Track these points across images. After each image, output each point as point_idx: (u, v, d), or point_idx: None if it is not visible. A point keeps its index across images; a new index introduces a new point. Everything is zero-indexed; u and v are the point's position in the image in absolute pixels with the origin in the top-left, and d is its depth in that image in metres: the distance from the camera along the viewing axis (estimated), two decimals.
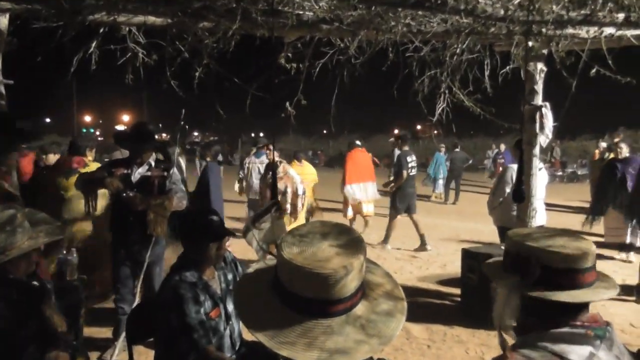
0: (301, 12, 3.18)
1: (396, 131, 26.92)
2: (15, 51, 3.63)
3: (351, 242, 1.10)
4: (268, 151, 7.72)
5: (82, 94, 39.40)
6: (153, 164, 3.87)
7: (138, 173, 3.79)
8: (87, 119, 47.16)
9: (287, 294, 1.05)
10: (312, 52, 4.17)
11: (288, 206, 6.32)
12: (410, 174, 7.74)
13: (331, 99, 4.53)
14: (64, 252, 3.81)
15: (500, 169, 11.48)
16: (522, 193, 3.18)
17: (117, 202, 3.74)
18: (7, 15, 3.34)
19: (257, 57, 4.03)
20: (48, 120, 44.15)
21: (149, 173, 3.82)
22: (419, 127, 37.09)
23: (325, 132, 39.90)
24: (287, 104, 4.06)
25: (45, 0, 2.88)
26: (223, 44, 3.51)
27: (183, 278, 2.32)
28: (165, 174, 3.83)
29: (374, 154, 10.43)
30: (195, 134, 48.43)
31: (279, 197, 6.15)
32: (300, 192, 6.41)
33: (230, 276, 2.57)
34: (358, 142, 9.34)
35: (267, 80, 3.80)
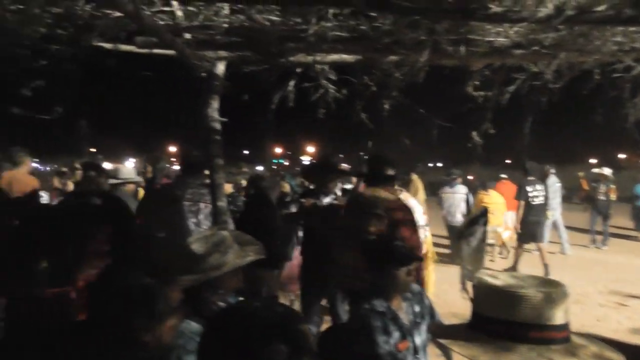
0: (492, 39, 3.07)
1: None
2: (229, 93, 4.19)
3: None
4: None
5: (274, 127, 43.52)
6: (339, 193, 4.08)
7: (325, 202, 4.02)
8: (278, 150, 51.86)
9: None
10: (502, 79, 3.98)
11: None
12: (532, 203, 8.07)
13: (518, 127, 4.25)
14: (260, 271, 4.19)
15: None
16: None
17: (309, 228, 3.99)
18: (224, 63, 3.86)
19: (442, 86, 4.00)
20: (246, 152, 49.67)
21: (335, 202, 4.02)
22: (622, 155, 32.62)
23: (509, 161, 37.50)
24: (474, 133, 3.93)
25: (255, 47, 3.26)
26: (410, 75, 3.56)
27: (372, 307, 2.34)
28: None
29: (563, 186, 10.61)
30: None
31: None
32: (422, 222, 6.22)
33: (417, 308, 2.52)
34: (503, 175, 10.82)
35: (453, 110, 3.74)
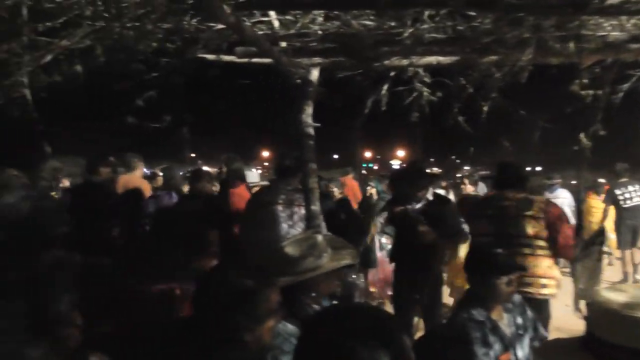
0: (606, 34, 2.83)
1: None
2: (322, 99, 4.25)
3: None
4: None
5: (363, 131, 43.49)
6: (430, 198, 3.97)
7: (416, 209, 3.94)
8: (367, 154, 51.77)
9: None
10: (614, 76, 3.66)
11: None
12: (624, 206, 7.64)
13: (631, 127, 3.89)
14: (353, 275, 4.20)
15: None
16: None
17: (403, 235, 3.94)
18: (318, 69, 3.93)
19: (544, 86, 3.76)
20: (336, 156, 50.07)
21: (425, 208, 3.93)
22: None
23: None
24: (582, 135, 3.65)
25: (350, 52, 3.28)
26: (511, 75, 3.39)
27: (471, 316, 2.26)
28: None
29: None
30: (466, 167, 48.01)
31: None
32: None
33: (520, 320, 2.39)
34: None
35: (555, 110, 3.50)
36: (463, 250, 6.30)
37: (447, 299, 4.94)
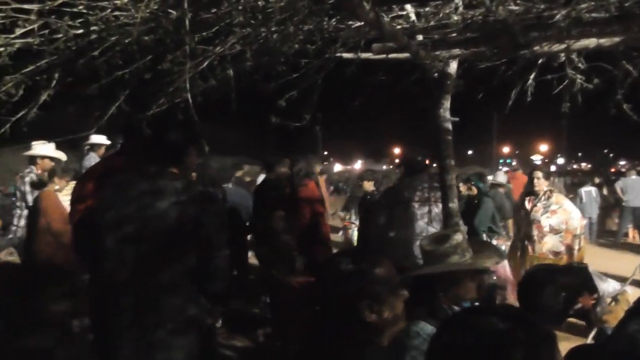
0: None
1: None
2: (460, 91, 4.08)
3: None
4: None
5: (501, 125, 41.17)
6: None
7: None
8: (505, 150, 48.87)
9: None
10: None
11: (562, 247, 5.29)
12: None
13: None
14: (494, 277, 3.96)
15: None
16: None
17: None
18: (457, 61, 3.77)
19: None
20: (470, 152, 48.07)
21: None
22: None
23: None
24: None
25: (493, 41, 3.09)
26: None
27: None
28: None
29: None
30: (622, 162, 42.81)
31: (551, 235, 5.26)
32: (578, 231, 5.30)
33: None
34: None
35: None
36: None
37: None
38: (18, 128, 2.37)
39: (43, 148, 5.47)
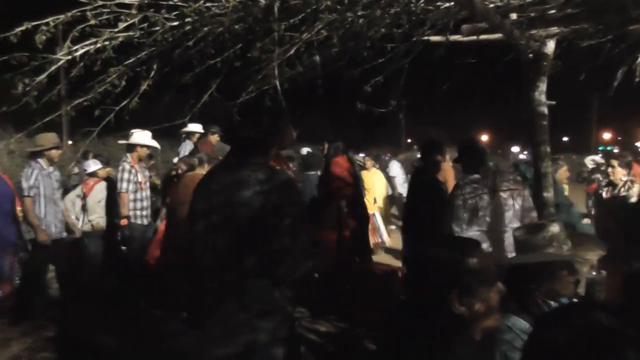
0: None
1: None
2: (559, 73, 3.80)
3: None
4: None
5: (601, 108, 38.10)
6: None
7: None
8: (606, 136, 45.26)
9: None
10: None
11: None
12: None
13: None
14: (593, 273, 3.69)
15: None
16: None
17: None
18: (555, 40, 3.51)
19: None
20: (565, 138, 45.05)
21: None
22: None
23: None
24: None
25: (599, 16, 2.83)
26: None
27: None
28: None
29: None
30: None
31: None
32: None
33: None
34: None
35: None
36: None
37: None
38: (120, 117, 2.55)
39: (141, 136, 5.81)
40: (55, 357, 4.25)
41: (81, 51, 2.40)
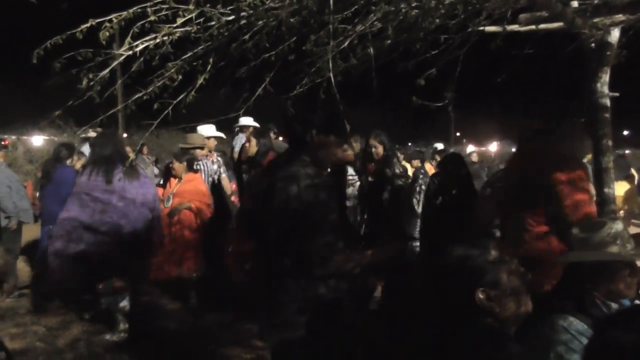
0: None
1: None
2: (624, 63, 3.61)
3: None
4: None
5: None
6: None
7: None
8: None
9: None
10: None
11: None
12: None
13: None
14: None
15: None
16: None
17: None
18: (620, 28, 3.34)
19: None
20: (626, 132, 42.77)
21: None
22: None
23: None
24: None
25: None
26: None
27: None
28: None
29: None
30: None
31: None
32: None
33: None
34: None
35: None
36: None
37: None
38: (177, 110, 2.62)
39: (209, 129, 6.11)
40: (113, 341, 4.45)
41: (141, 46, 2.49)
